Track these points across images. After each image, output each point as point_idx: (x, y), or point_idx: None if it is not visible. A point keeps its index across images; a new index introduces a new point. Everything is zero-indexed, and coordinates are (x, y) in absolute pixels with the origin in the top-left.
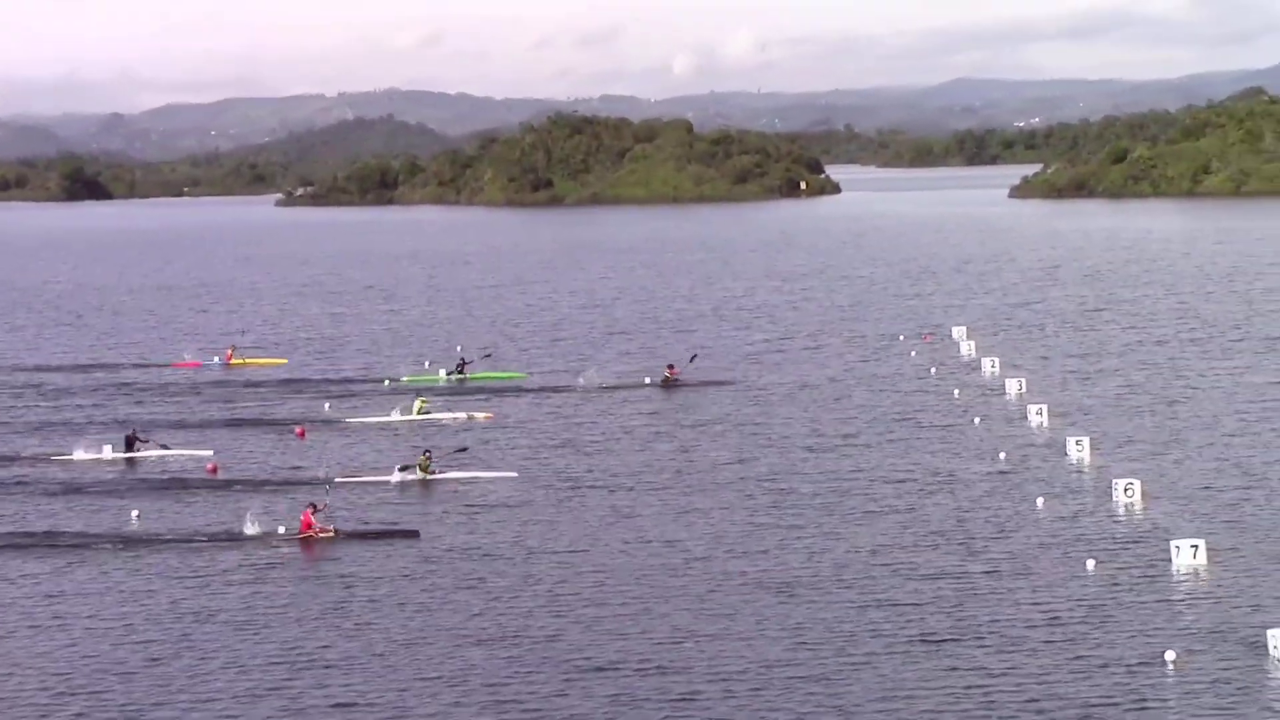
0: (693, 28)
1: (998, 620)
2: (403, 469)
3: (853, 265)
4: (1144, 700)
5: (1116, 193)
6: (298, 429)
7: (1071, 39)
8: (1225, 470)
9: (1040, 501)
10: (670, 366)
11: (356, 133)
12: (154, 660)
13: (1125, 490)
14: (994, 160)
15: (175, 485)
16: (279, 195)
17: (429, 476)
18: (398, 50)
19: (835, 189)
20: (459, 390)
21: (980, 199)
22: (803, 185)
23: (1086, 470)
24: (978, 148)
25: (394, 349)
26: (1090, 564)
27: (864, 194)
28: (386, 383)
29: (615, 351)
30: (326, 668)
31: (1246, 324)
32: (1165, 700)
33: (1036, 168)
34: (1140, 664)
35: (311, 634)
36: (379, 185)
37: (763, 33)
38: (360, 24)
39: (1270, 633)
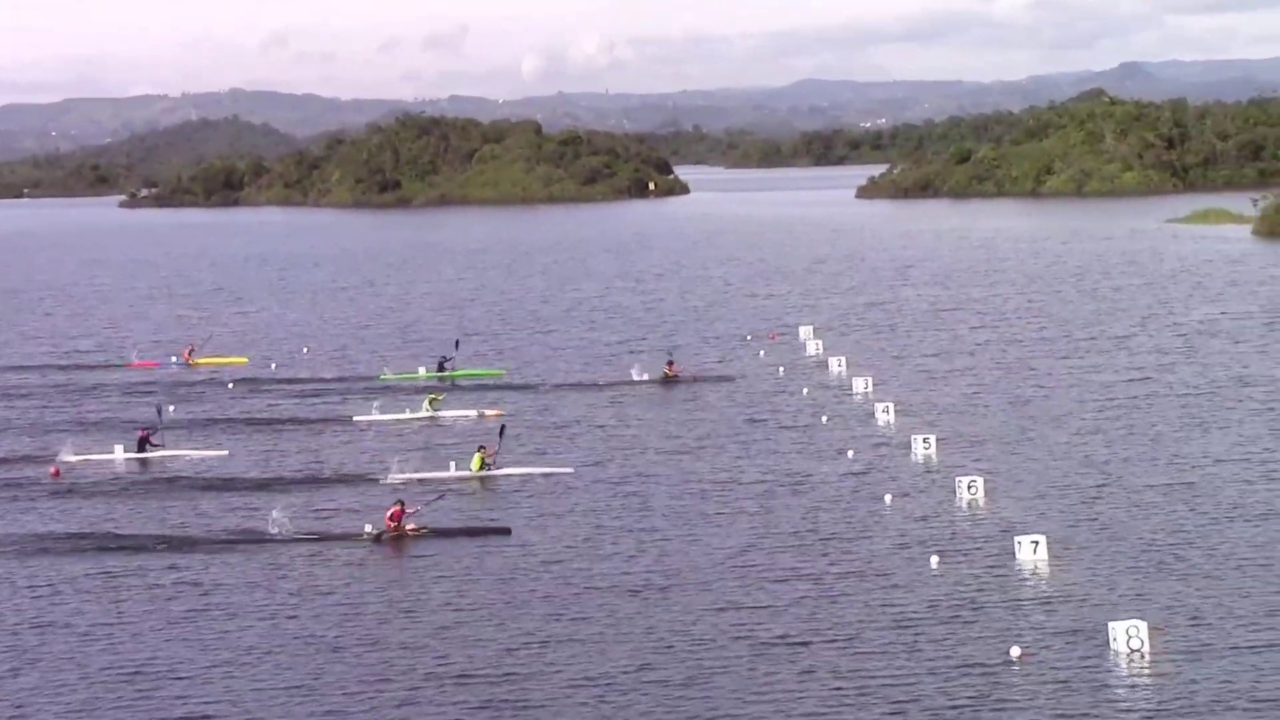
0: (540, 29)
1: (848, 620)
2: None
3: (705, 265)
4: (990, 696)
5: (961, 193)
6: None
7: (916, 41)
8: (1069, 467)
9: (888, 499)
10: (670, 363)
11: (200, 133)
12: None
13: (969, 487)
14: (841, 161)
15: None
16: (122, 196)
17: (488, 472)
18: (242, 51)
19: (684, 189)
20: (439, 388)
21: (828, 199)
22: (651, 186)
23: (933, 468)
24: (825, 148)
25: (238, 350)
26: (934, 561)
27: (713, 194)
28: (230, 385)
29: (470, 353)
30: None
31: (1095, 323)
32: (1011, 696)
33: (883, 168)
34: (986, 660)
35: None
36: (224, 186)
37: (610, 34)
38: (204, 25)
39: (1111, 625)
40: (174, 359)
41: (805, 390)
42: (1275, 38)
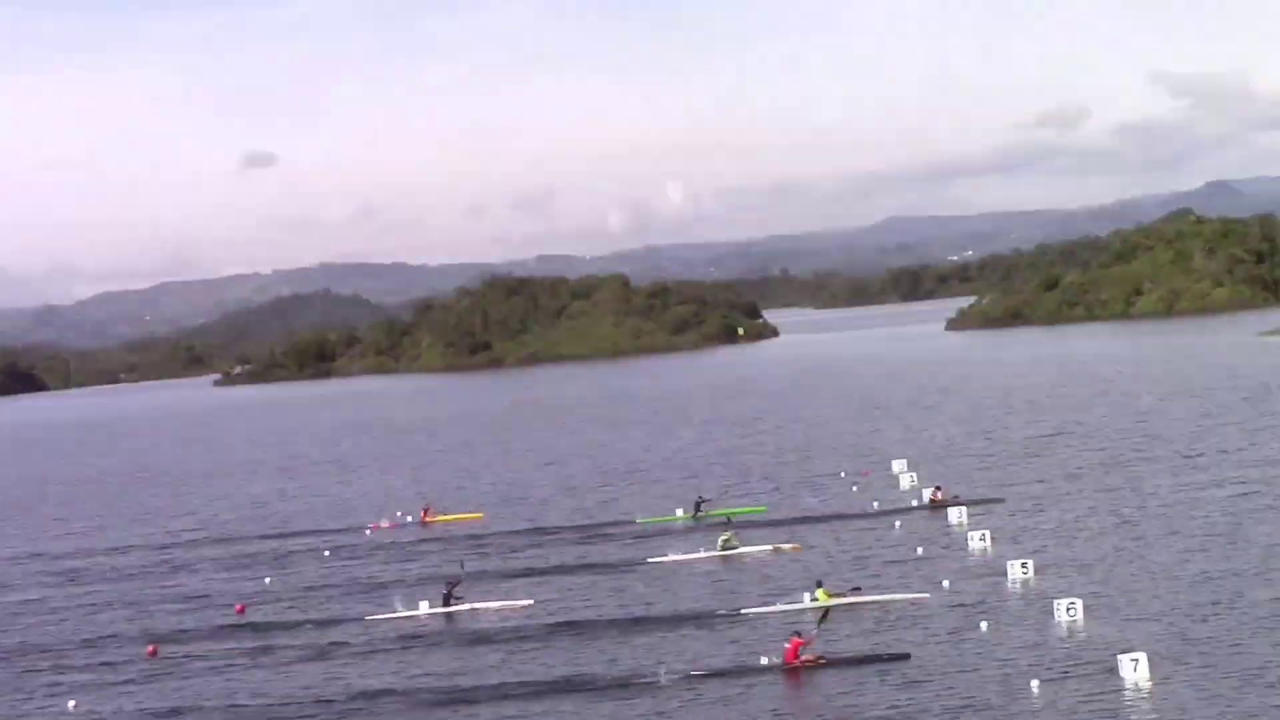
0: (626, 184)
1: None
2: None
3: (799, 406)
4: None
5: (1051, 319)
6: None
7: (999, 173)
8: (1173, 585)
9: (984, 627)
10: (937, 488)
11: (292, 308)
12: None
13: (1068, 610)
14: (929, 295)
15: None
16: (217, 376)
17: (839, 600)
18: (330, 224)
19: (773, 332)
20: (699, 528)
21: (918, 333)
22: (740, 331)
23: (1031, 592)
24: (913, 284)
25: (339, 518)
26: (1035, 685)
27: (802, 335)
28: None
29: (569, 508)
30: None
31: (1198, 439)
32: None
33: (970, 300)
34: None
35: None
36: (317, 359)
37: (695, 185)
38: (292, 201)
39: None
40: (409, 518)
41: (898, 524)
42: None
